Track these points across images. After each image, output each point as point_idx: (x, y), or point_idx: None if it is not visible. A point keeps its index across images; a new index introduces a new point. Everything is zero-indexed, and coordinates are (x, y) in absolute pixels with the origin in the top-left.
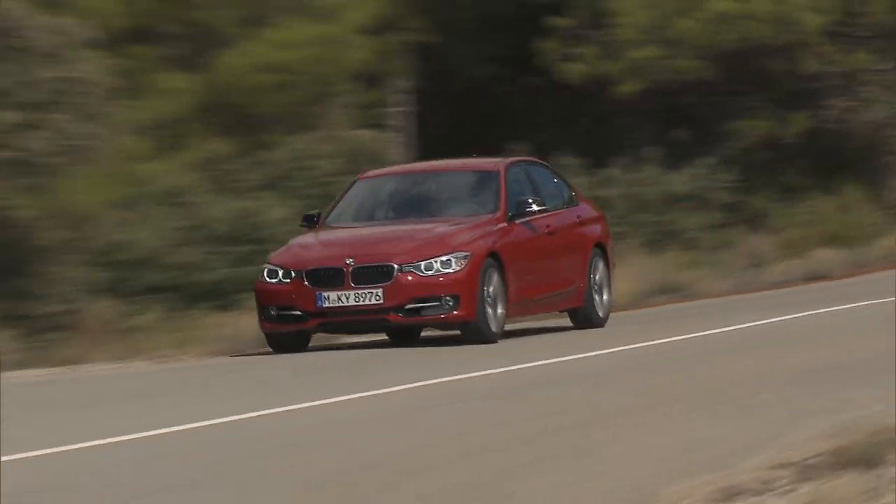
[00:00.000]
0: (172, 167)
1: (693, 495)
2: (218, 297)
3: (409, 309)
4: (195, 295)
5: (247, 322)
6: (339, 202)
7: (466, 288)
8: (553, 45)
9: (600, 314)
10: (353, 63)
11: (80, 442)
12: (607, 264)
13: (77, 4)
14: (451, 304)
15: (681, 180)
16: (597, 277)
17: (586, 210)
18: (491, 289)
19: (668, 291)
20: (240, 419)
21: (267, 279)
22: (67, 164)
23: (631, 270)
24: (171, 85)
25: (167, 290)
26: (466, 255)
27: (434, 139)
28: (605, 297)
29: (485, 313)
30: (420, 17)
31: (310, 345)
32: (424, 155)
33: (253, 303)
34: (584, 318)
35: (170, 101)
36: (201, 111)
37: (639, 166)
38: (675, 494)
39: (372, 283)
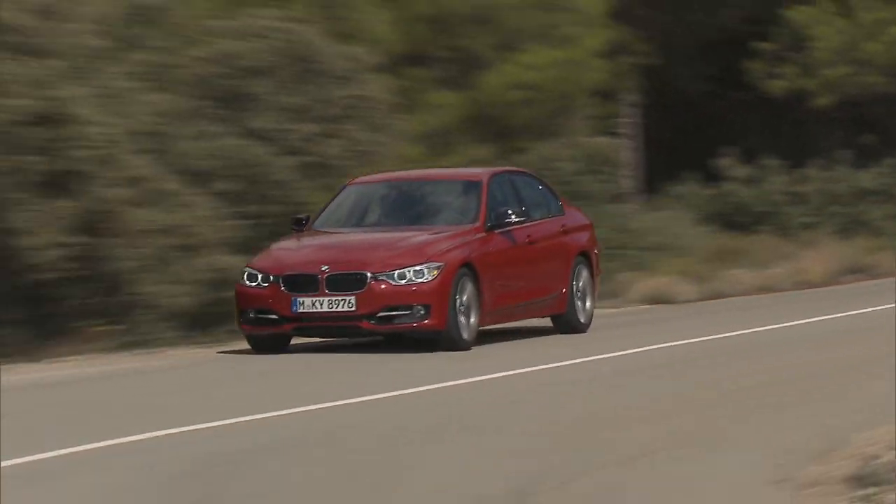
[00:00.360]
0: None
1: (879, 442)
2: None
3: (381, 317)
4: None
5: None
6: (327, 207)
7: (438, 297)
8: (759, 65)
9: (582, 320)
10: (590, 81)
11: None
12: (592, 272)
13: (364, 34)
14: (422, 312)
15: (868, 178)
16: (580, 284)
17: (574, 219)
18: (464, 298)
19: (857, 271)
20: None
21: (246, 282)
22: (356, 167)
23: (824, 254)
24: (441, 101)
25: None
26: (439, 266)
27: (658, 146)
28: (587, 303)
29: (457, 322)
30: (646, 42)
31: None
32: (651, 159)
33: None
34: (566, 324)
35: (440, 114)
36: (465, 122)
37: (832, 166)
38: (864, 440)
39: (345, 291)
